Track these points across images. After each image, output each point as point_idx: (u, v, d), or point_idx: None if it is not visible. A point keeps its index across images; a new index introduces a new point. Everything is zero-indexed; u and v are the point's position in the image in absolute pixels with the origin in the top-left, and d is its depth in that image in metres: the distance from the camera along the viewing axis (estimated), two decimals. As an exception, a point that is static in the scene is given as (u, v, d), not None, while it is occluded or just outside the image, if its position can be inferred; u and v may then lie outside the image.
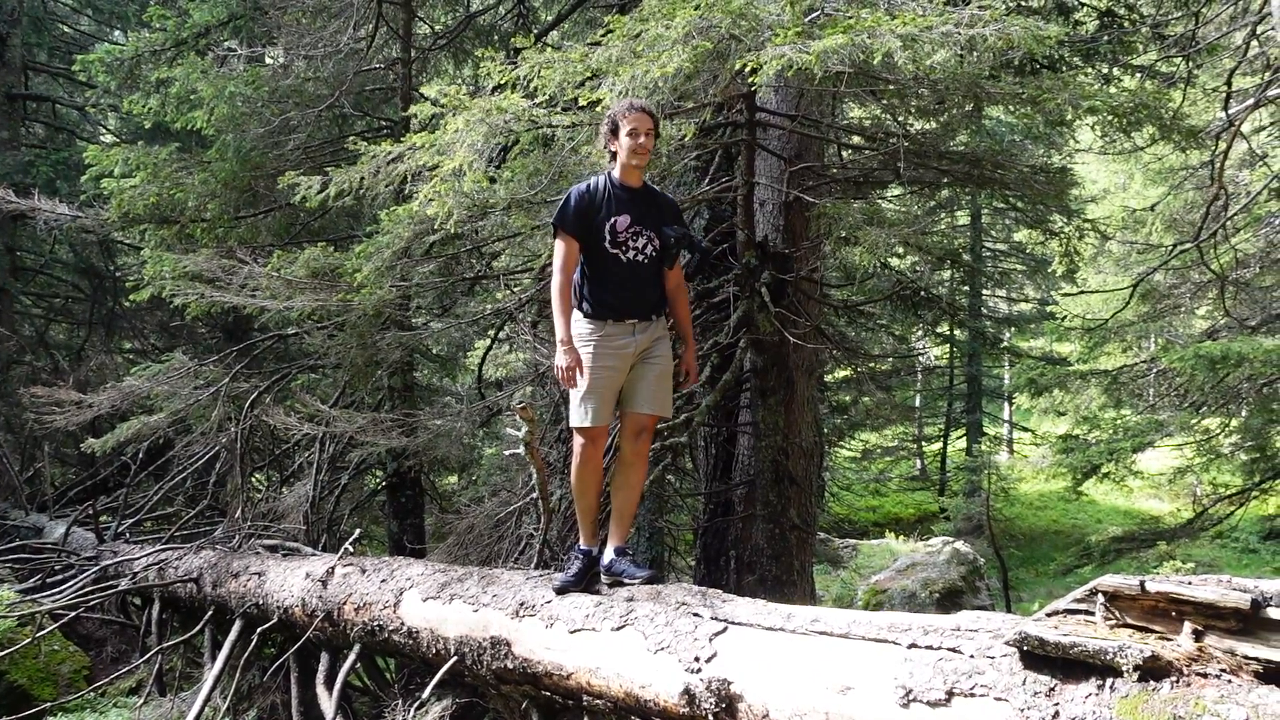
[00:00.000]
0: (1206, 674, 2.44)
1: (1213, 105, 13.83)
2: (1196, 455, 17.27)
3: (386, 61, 9.68)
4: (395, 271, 6.41)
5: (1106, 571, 8.60)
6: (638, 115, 4.38)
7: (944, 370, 27.55)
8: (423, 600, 5.11)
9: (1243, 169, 15.44)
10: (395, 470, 9.25)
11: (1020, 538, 21.47)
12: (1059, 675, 2.62)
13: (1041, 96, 5.36)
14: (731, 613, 3.71)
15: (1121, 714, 2.45)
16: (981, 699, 2.74)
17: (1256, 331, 14.62)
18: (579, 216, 4.45)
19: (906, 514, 23.80)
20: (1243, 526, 18.80)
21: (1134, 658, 2.47)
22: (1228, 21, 13.02)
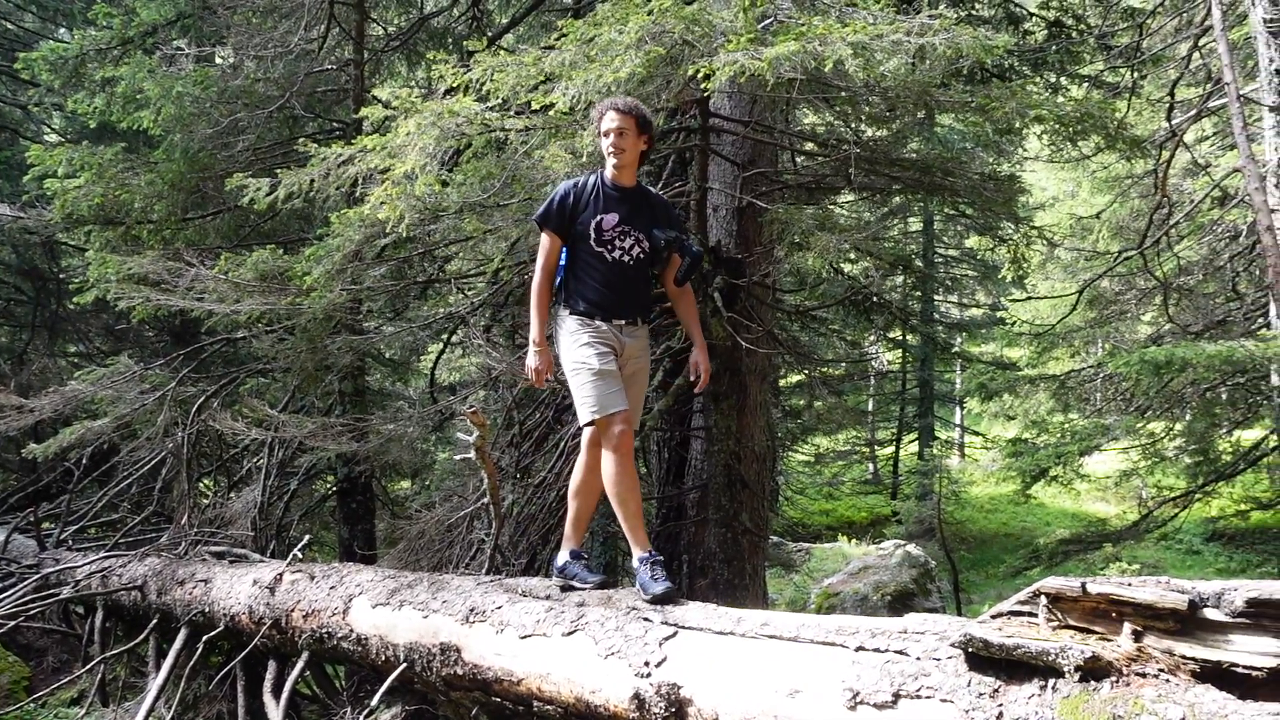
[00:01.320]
0: (1145, 674, 2.48)
1: (1157, 115, 14.11)
2: (1142, 458, 17.58)
3: (339, 63, 9.59)
4: (346, 275, 6.35)
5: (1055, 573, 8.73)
6: (612, 114, 4.34)
7: (896, 375, 27.82)
8: (372, 607, 5.06)
9: (1187, 178, 15.77)
10: (346, 475, 9.15)
11: (971, 540, 21.71)
12: (1003, 676, 2.66)
13: (990, 105, 5.43)
14: (682, 617, 3.72)
15: (1063, 714, 2.48)
16: (927, 701, 2.77)
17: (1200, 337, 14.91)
18: (561, 213, 4.39)
19: (859, 517, 23.98)
20: (1186, 528, 19.14)
21: (1075, 658, 2.51)
22: (1172, 33, 13.30)
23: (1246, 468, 17.00)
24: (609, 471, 4.30)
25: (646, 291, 4.56)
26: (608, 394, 4.28)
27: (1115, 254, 15.55)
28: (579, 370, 4.32)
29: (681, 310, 4.72)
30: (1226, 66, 7.27)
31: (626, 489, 4.31)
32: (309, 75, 9.15)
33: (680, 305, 4.71)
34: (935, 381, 26.31)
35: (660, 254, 4.50)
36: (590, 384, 4.28)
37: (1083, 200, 20.55)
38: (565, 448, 6.34)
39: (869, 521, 23.53)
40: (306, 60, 9.16)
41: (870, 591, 14.32)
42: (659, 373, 6.49)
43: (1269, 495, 17.59)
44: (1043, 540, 18.71)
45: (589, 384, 4.29)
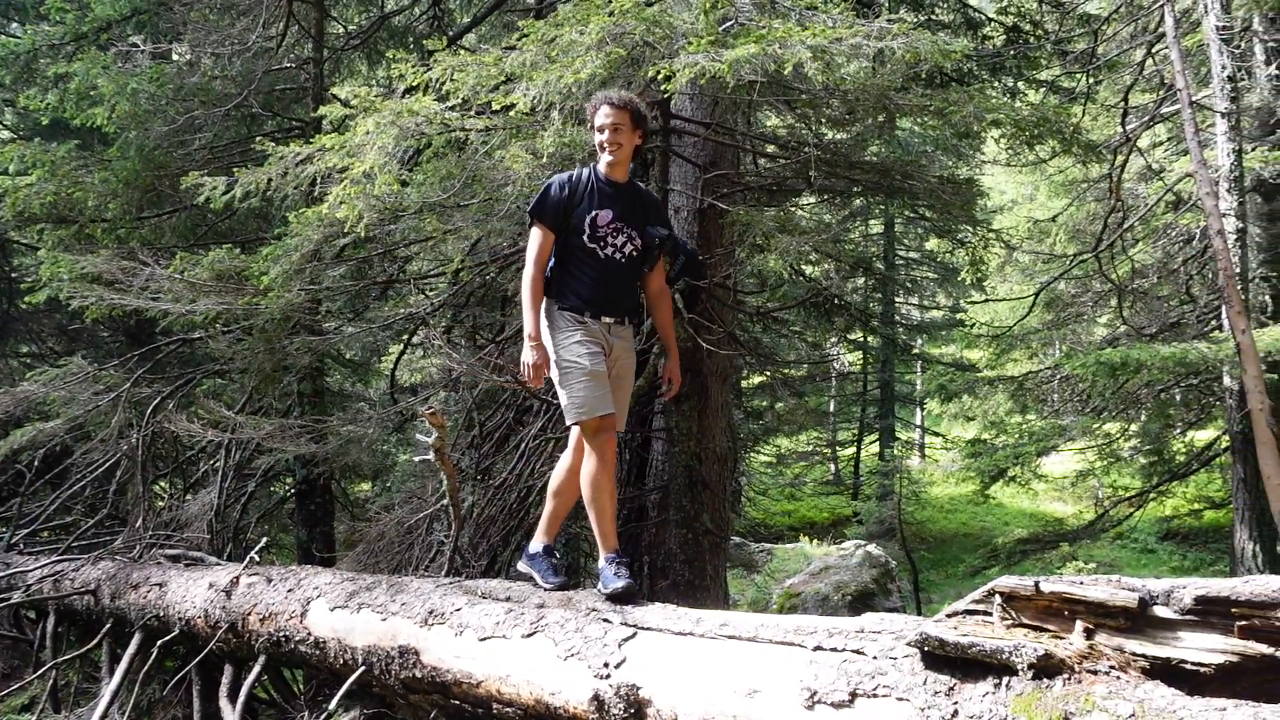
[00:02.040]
0: (1097, 671, 2.52)
1: (1112, 120, 14.32)
2: (1098, 459, 17.82)
3: (298, 61, 9.51)
4: (304, 275, 6.29)
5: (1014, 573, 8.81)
6: (607, 109, 4.24)
7: (858, 376, 28.01)
8: (330, 610, 5.02)
9: (1142, 182, 16.01)
10: (304, 477, 9.06)
11: (931, 540, 21.91)
12: (958, 675, 2.68)
13: (948, 109, 5.49)
14: (641, 618, 3.72)
15: (1017, 711, 2.51)
16: (884, 699, 2.79)
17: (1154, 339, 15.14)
18: (556, 207, 4.28)
19: (821, 518, 24.11)
20: (1141, 527, 19.43)
21: (1028, 656, 2.54)
22: (1127, 39, 13.51)
23: (1199, 468, 17.30)
24: (589, 473, 4.27)
25: (635, 291, 4.49)
26: (596, 395, 4.21)
27: (1071, 257, 15.77)
28: (570, 370, 4.24)
29: (659, 315, 4.66)
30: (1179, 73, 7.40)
31: (604, 493, 4.29)
32: (267, 73, 9.07)
33: (660, 310, 4.64)
34: (896, 383, 26.53)
35: (652, 253, 4.41)
36: (581, 384, 4.21)
37: (1040, 204, 20.83)
38: (526, 449, 6.32)
39: (830, 522, 23.66)
40: (265, 58, 9.07)
41: (831, 591, 14.40)
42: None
43: (1221, 495, 17.88)
44: (1001, 540, 18.92)
45: (579, 384, 4.22)
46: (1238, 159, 12.75)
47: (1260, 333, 11.98)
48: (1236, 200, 12.79)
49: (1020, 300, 16.65)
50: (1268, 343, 11.48)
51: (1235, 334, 8.94)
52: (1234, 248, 12.45)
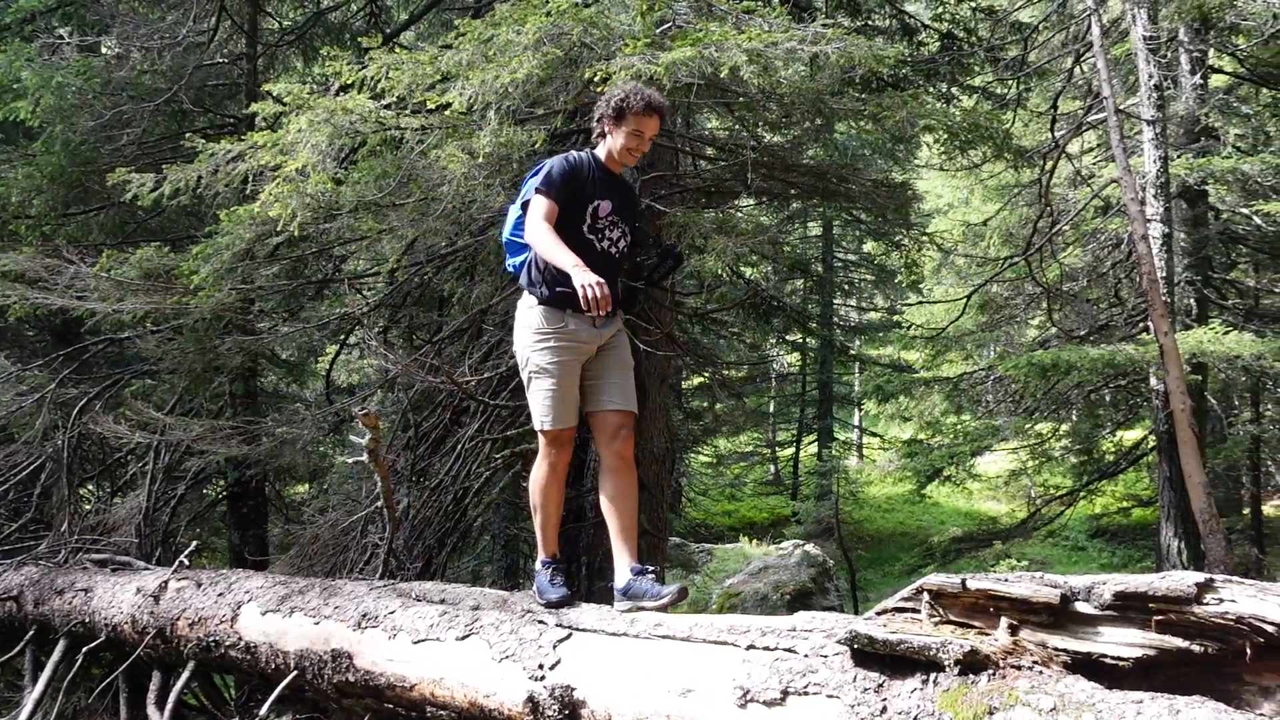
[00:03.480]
0: (1020, 666, 2.57)
1: (1043, 127, 14.62)
2: (1030, 458, 18.21)
3: (231, 56, 9.35)
4: (236, 274, 6.18)
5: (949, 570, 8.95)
6: (650, 119, 3.95)
7: (796, 377, 28.25)
8: (262, 614, 4.94)
9: (1072, 188, 16.36)
10: (237, 480, 8.92)
11: (868, 539, 22.17)
12: (887, 671, 2.72)
13: (882, 113, 5.57)
14: (576, 619, 3.72)
15: (943, 707, 2.55)
16: (815, 697, 2.82)
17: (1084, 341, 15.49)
18: (565, 185, 3.94)
19: (761, 518, 24.27)
20: (1072, 525, 19.84)
21: (955, 653, 2.59)
22: (1059, 47, 13.80)
23: (1128, 466, 17.75)
24: (540, 478, 4.15)
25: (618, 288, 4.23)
26: (563, 406, 4.02)
27: (1002, 260, 16.07)
28: (540, 376, 4.03)
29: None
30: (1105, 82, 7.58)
31: (551, 501, 4.19)
32: (199, 68, 8.90)
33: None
34: (834, 384, 26.79)
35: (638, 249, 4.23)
36: (548, 393, 4.01)
37: (975, 208, 21.22)
38: (462, 450, 6.28)
39: (770, 522, 23.83)
40: (196, 53, 8.91)
41: (770, 591, 14.49)
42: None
43: (1148, 493, 18.35)
44: (937, 538, 19.26)
45: (546, 393, 4.01)
46: (1164, 166, 13.10)
47: (1184, 335, 12.33)
48: (1163, 206, 13.14)
49: (954, 302, 16.94)
50: (1191, 345, 11.81)
51: (1158, 336, 9.19)
52: (1160, 252, 12.79)
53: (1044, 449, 18.01)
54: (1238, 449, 16.20)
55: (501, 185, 5.44)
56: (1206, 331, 12.54)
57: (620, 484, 4.15)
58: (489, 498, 6.90)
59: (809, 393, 27.02)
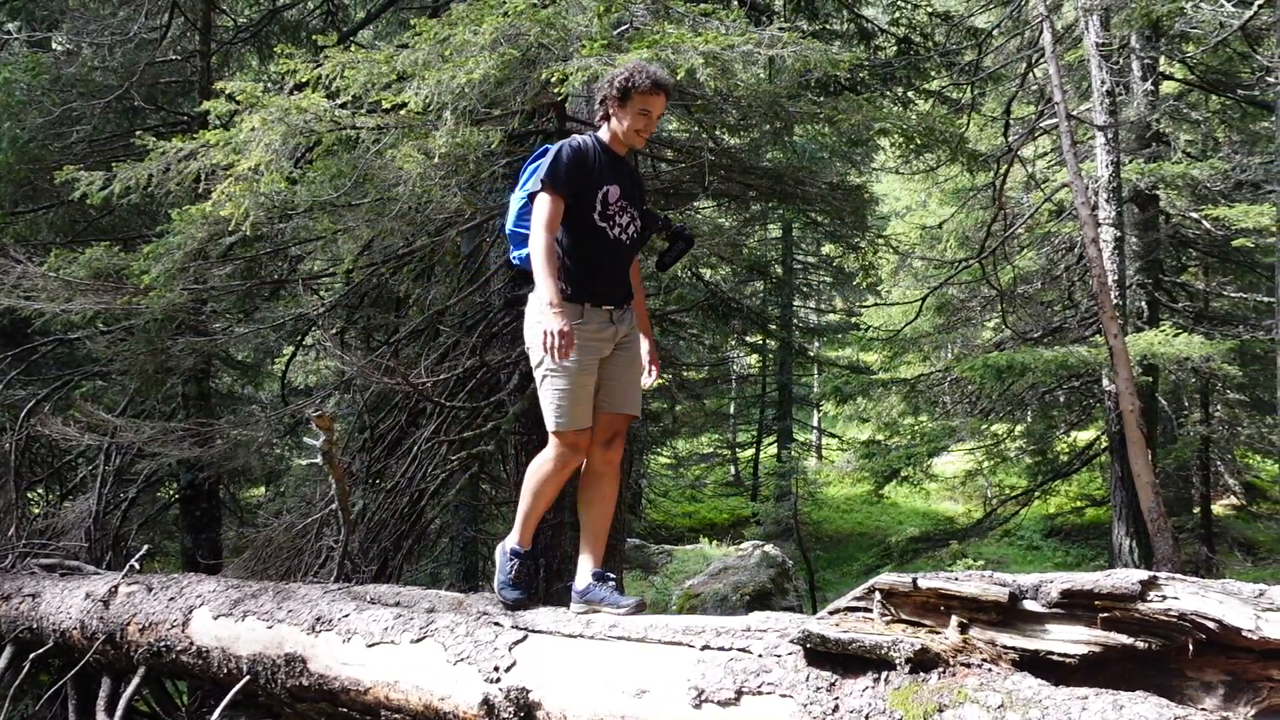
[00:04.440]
0: (970, 664, 2.61)
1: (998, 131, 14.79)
2: (986, 459, 18.42)
3: (185, 53, 9.23)
4: (189, 274, 6.10)
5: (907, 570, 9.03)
6: (657, 97, 3.81)
7: (756, 378, 28.36)
8: (214, 618, 4.88)
9: (1027, 192, 16.59)
10: (190, 482, 8.80)
11: (827, 540, 22.29)
12: (839, 670, 2.75)
13: (838, 117, 5.61)
14: (532, 621, 3.72)
15: (894, 705, 2.58)
16: (768, 696, 2.84)
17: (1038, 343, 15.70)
18: (572, 174, 3.77)
19: (721, 519, 24.33)
20: (1027, 525, 20.07)
21: (905, 651, 2.62)
22: (1014, 53, 13.98)
23: (1081, 466, 18.02)
24: (543, 472, 3.94)
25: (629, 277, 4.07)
26: (580, 407, 3.82)
27: (957, 263, 16.25)
28: (554, 375, 3.80)
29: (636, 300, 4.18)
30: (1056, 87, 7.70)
31: (543, 499, 4.01)
32: (151, 65, 8.76)
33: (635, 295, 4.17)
34: (794, 385, 26.92)
35: (646, 236, 4.05)
36: (564, 392, 3.80)
37: (932, 211, 21.42)
38: (418, 452, 6.24)
39: (730, 523, 23.89)
40: (149, 49, 8.78)
41: (730, 592, 14.54)
42: (515, 375, 6.45)
43: (1101, 493, 18.63)
44: (894, 538, 19.43)
45: (561, 393, 3.80)
46: (1116, 170, 13.32)
47: (1136, 337, 12.54)
48: (1115, 210, 13.36)
49: (911, 304, 17.12)
50: (1142, 347, 12.02)
51: (1108, 339, 9.34)
52: (1112, 256, 13.00)
53: (1000, 449, 18.25)
54: (1188, 449, 16.51)
55: (458, 186, 5.42)
56: (1157, 334, 12.77)
57: (604, 490, 4.03)
58: (446, 500, 6.86)
59: (769, 394, 27.12)
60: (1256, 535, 18.04)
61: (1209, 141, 17.05)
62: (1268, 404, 16.16)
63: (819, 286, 28.17)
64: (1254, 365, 16.02)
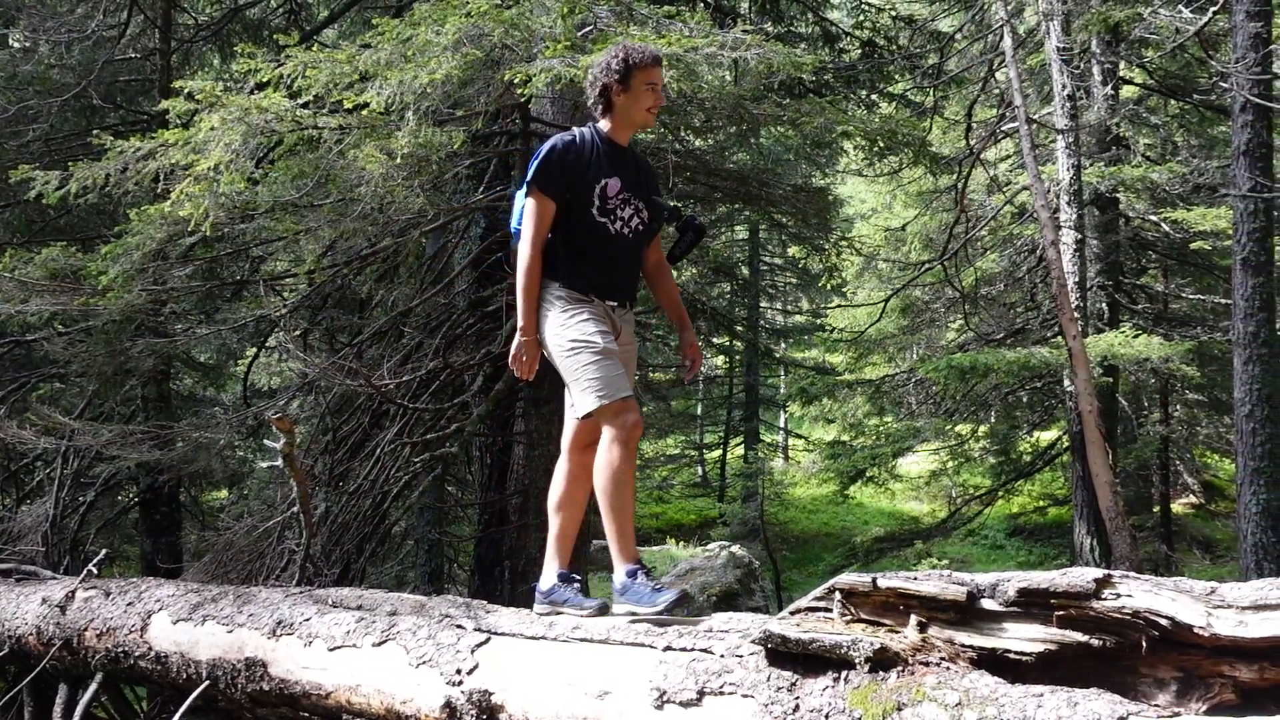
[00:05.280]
0: (929, 662, 2.63)
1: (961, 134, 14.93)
2: (950, 459, 18.58)
3: (144, 52, 9.11)
4: (148, 274, 6.03)
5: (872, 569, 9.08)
6: (658, 69, 3.69)
7: (724, 380, 28.42)
8: (173, 623, 4.82)
9: (989, 194, 16.74)
10: (149, 486, 8.69)
11: (794, 540, 22.37)
12: (800, 670, 2.76)
13: (801, 119, 5.64)
14: (495, 623, 3.70)
15: (854, 704, 2.59)
16: (730, 696, 2.85)
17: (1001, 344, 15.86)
18: (564, 174, 3.66)
19: (688, 520, 24.36)
20: (991, 524, 20.27)
21: (865, 650, 2.63)
22: (977, 56, 14.12)
23: (1043, 466, 18.22)
24: (612, 464, 3.63)
25: (638, 271, 3.94)
26: (615, 374, 3.60)
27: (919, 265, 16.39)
28: (578, 349, 3.61)
29: (664, 290, 4.06)
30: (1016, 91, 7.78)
31: (629, 490, 3.69)
32: (110, 63, 8.66)
33: (662, 285, 4.05)
34: (760, 386, 27.00)
35: (656, 226, 3.91)
36: (595, 364, 3.58)
37: (897, 213, 21.58)
38: (381, 454, 6.21)
39: (697, 524, 23.93)
40: (107, 47, 8.67)
41: (697, 593, 14.54)
42: (479, 377, 6.43)
43: (1064, 492, 18.83)
44: (860, 539, 19.53)
45: (593, 364, 3.58)
46: (1077, 173, 13.47)
47: (1096, 338, 12.69)
48: (1076, 213, 13.51)
49: (875, 306, 17.26)
50: (1102, 348, 12.17)
51: (1068, 340, 9.46)
52: (1073, 258, 13.15)
53: (963, 450, 18.41)
54: (1148, 449, 16.74)
55: (421, 186, 5.40)
56: (1117, 335, 12.93)
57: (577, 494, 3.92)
58: (409, 502, 6.83)
59: (735, 395, 27.20)
60: (1214, 533, 18.32)
61: (1168, 145, 17.29)
62: (1226, 404, 16.38)
63: (785, 288, 28.30)
64: (1212, 366, 16.26)
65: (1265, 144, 9.28)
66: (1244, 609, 2.33)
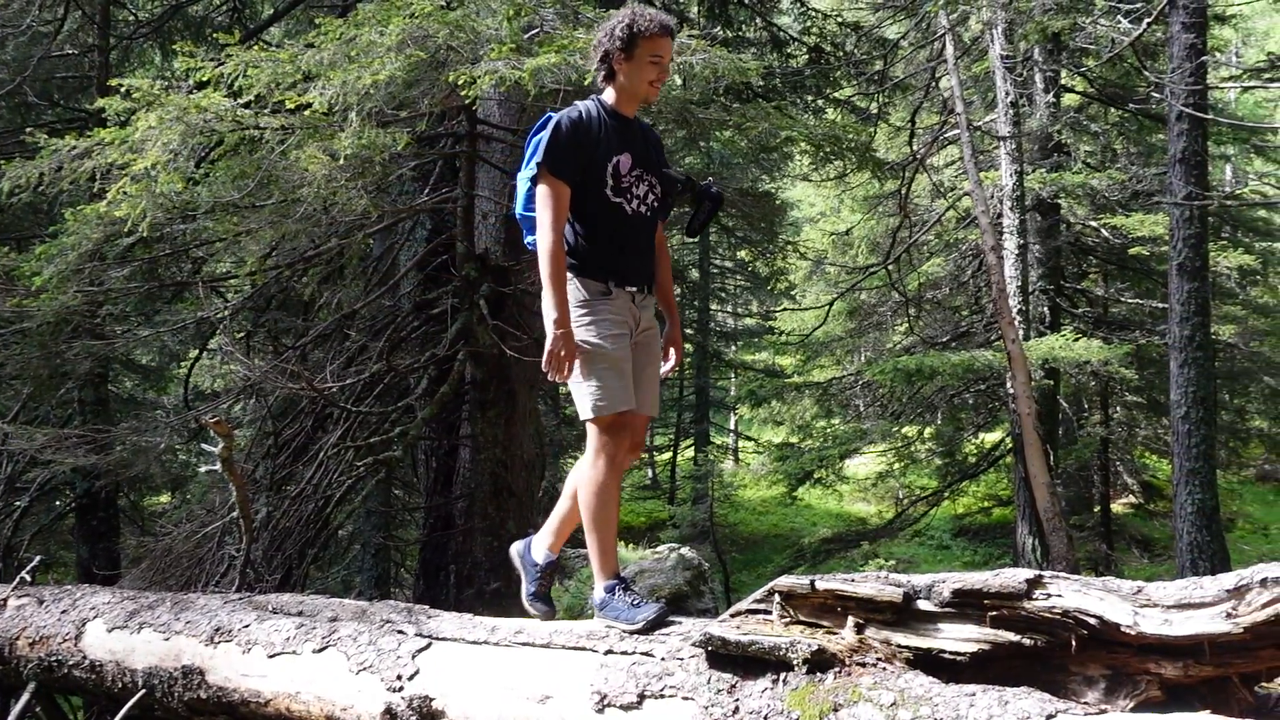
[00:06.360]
0: (865, 663, 2.66)
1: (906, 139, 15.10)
2: (897, 460, 18.78)
3: (82, 48, 8.93)
4: (83, 275, 5.91)
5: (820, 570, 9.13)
6: (665, 40, 3.44)
7: (674, 382, 28.47)
8: (108, 630, 4.73)
9: (934, 200, 16.97)
10: (86, 490, 8.51)
11: (743, 542, 22.47)
12: (740, 672, 2.78)
13: (746, 124, 5.67)
14: (436, 628, 3.68)
15: (792, 705, 2.62)
16: (670, 699, 2.86)
17: (946, 347, 16.06)
18: (575, 151, 3.41)
19: (638, 522, 24.35)
20: (937, 525, 20.50)
21: (803, 652, 2.66)
22: (923, 63, 14.30)
23: (988, 467, 18.48)
24: (596, 480, 3.53)
25: (653, 251, 3.70)
26: (617, 386, 3.45)
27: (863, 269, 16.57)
28: (587, 355, 3.45)
29: (658, 278, 3.77)
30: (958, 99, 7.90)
31: (613, 506, 3.57)
32: (46, 59, 8.47)
33: (658, 273, 3.76)
34: (710, 388, 27.09)
35: (670, 201, 3.69)
36: (600, 372, 3.44)
37: (844, 217, 21.78)
38: (325, 458, 6.15)
39: (647, 526, 23.93)
40: (43, 42, 8.48)
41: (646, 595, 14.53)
42: (424, 380, 6.39)
43: (1007, 493, 19.11)
44: (808, 540, 19.66)
45: (598, 372, 3.44)
46: (1019, 180, 13.71)
47: (1038, 341, 12.91)
48: (1018, 218, 13.74)
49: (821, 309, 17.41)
50: (1044, 350, 12.38)
51: (1006, 344, 9.61)
52: (1015, 263, 13.37)
53: (910, 451, 18.62)
54: (1088, 449, 17.05)
55: (364, 188, 5.35)
56: (1058, 338, 13.17)
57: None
58: (353, 506, 6.76)
59: (686, 397, 27.27)
60: (1153, 533, 18.69)
61: (1108, 153, 17.64)
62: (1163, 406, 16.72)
63: (735, 291, 28.43)
64: (1150, 369, 16.62)
65: (1200, 152, 9.50)
66: (1169, 608, 2.39)
